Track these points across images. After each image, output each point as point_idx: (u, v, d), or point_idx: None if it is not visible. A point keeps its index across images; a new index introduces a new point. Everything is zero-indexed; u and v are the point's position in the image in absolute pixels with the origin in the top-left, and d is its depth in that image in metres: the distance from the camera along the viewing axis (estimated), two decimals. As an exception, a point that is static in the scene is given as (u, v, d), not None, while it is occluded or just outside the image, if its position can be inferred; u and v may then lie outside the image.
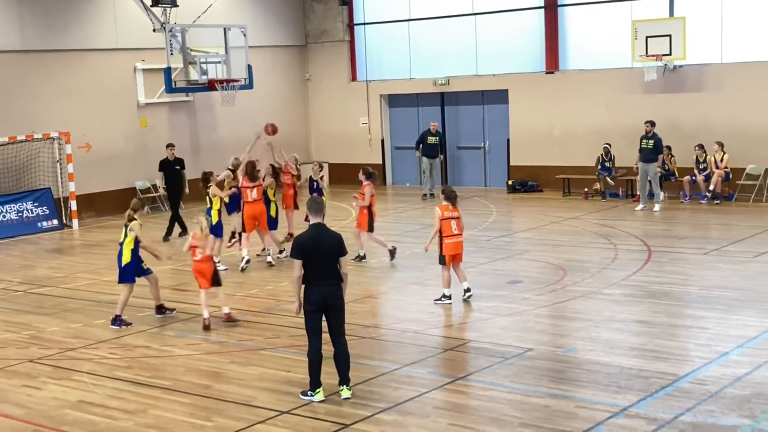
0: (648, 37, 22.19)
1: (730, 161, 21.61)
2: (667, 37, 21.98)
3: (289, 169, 18.25)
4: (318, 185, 17.93)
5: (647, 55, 22.26)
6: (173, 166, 20.56)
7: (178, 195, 20.34)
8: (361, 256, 16.31)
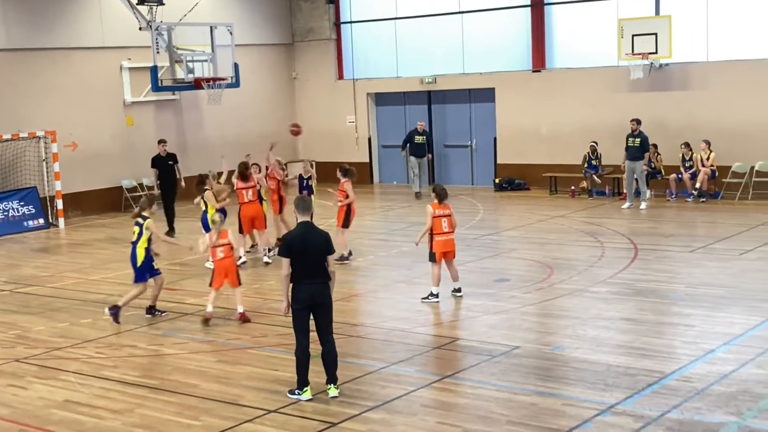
0: (634, 35, 22.23)
1: (716, 159, 21.69)
2: (653, 36, 22.04)
3: (274, 174, 18.03)
4: (308, 183, 17.87)
5: (633, 53, 22.30)
6: (166, 161, 20.50)
7: (172, 191, 20.27)
8: (344, 256, 16.18)
